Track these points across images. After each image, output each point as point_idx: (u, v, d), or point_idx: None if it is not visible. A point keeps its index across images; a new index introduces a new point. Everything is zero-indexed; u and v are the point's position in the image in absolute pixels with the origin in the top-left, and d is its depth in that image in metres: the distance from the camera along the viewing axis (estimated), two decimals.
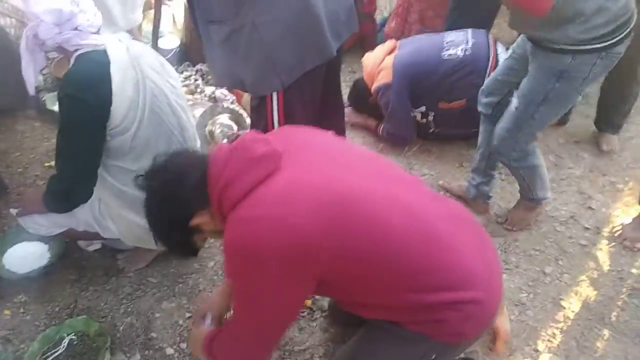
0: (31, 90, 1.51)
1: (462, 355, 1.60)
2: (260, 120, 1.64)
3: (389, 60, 2.49)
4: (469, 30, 2.45)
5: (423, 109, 2.49)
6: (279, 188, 1.06)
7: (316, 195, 1.05)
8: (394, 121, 2.54)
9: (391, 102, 2.47)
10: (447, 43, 2.41)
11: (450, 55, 2.37)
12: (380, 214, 1.09)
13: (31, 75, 1.47)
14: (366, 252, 1.07)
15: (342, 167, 1.14)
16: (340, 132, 1.94)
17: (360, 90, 2.69)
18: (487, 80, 2.05)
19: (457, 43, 2.39)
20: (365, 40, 3.19)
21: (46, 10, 1.35)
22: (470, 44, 2.38)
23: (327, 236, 1.04)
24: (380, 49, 2.60)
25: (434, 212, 1.17)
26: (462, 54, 2.36)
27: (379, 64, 2.53)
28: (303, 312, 1.80)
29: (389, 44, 2.60)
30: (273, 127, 1.60)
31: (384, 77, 2.48)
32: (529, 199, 2.12)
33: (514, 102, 1.81)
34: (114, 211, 1.65)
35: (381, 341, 1.26)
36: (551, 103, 1.71)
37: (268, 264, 1.03)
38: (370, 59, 2.60)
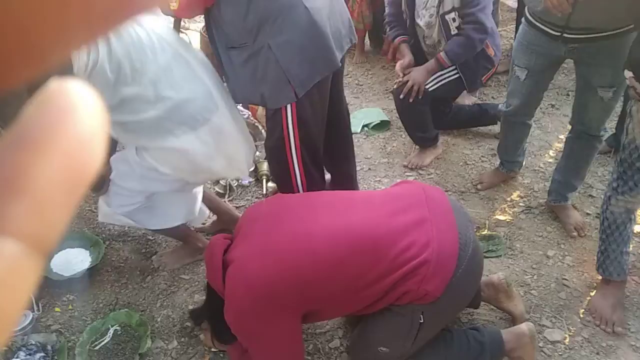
0: None
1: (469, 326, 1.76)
2: (276, 128, 1.82)
3: None
4: None
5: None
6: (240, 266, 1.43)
7: (270, 256, 1.40)
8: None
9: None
10: None
11: None
12: (320, 243, 1.40)
13: None
14: (318, 274, 1.39)
15: (299, 223, 1.46)
16: (345, 128, 2.12)
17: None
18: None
19: None
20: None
21: None
22: None
23: (285, 279, 1.37)
24: None
25: (376, 217, 1.44)
26: None
27: None
28: None
29: None
30: (288, 134, 1.79)
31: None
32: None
33: (605, 94, 1.93)
34: (150, 150, 1.67)
35: (379, 319, 1.51)
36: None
37: (251, 315, 1.39)
38: None
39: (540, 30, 1.93)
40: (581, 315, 1.90)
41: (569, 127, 2.24)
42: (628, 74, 1.59)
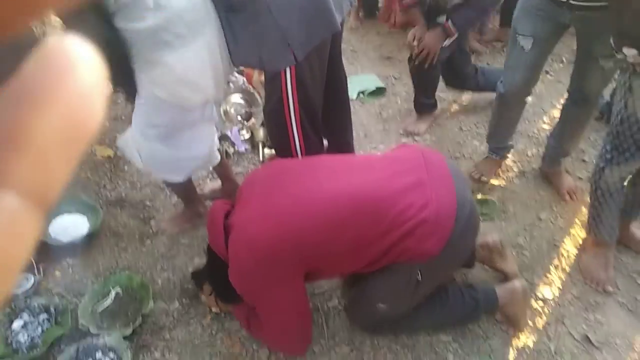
0: None
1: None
2: (275, 92, 1.81)
3: None
4: None
5: None
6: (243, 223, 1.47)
7: (271, 219, 1.43)
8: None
9: None
10: None
11: None
12: (320, 206, 1.43)
13: None
14: (319, 236, 1.41)
15: (299, 186, 1.49)
16: (343, 93, 2.12)
17: None
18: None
19: None
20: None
21: None
22: None
23: (286, 241, 1.39)
24: None
25: (376, 180, 1.47)
26: None
27: None
28: None
29: None
30: (287, 97, 1.79)
31: None
32: None
33: (606, 64, 1.90)
34: (147, 70, 1.62)
35: (378, 277, 1.54)
36: None
37: (255, 276, 1.44)
38: None
39: None
40: (571, 274, 1.96)
41: (565, 94, 2.24)
42: (630, 51, 1.55)
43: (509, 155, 2.48)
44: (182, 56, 1.58)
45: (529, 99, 2.26)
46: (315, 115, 1.88)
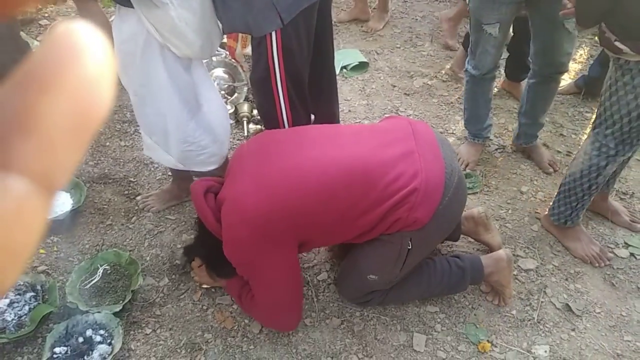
0: None
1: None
2: (261, 59, 1.78)
3: None
4: None
5: None
6: (235, 196, 1.47)
7: (263, 191, 1.43)
8: None
9: None
10: None
11: None
12: (311, 177, 1.43)
13: None
14: (311, 207, 1.43)
15: (289, 157, 1.48)
16: (330, 65, 2.10)
17: None
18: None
19: None
20: None
21: None
22: None
23: (279, 211, 1.41)
24: None
25: (366, 150, 1.47)
26: None
27: None
28: None
29: None
30: (273, 64, 1.75)
31: None
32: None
33: (570, 25, 1.93)
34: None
35: (369, 247, 1.57)
36: None
37: (249, 247, 1.44)
38: None
39: None
40: (552, 245, 2.03)
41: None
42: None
43: (495, 118, 2.48)
44: (178, 5, 1.56)
45: (497, 72, 2.27)
46: (302, 85, 1.85)
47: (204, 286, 1.84)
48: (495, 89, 2.74)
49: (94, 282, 1.82)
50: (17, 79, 0.17)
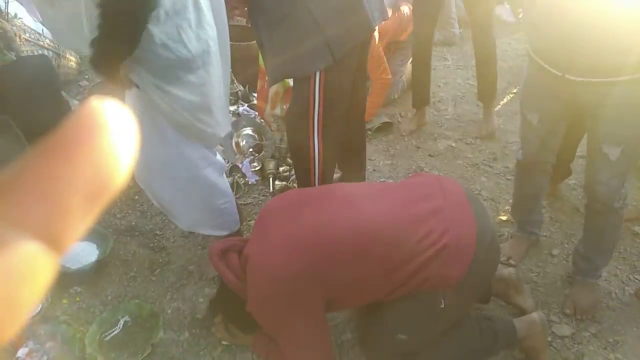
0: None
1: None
2: (301, 94, 1.80)
3: None
4: None
5: None
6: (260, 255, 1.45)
7: (293, 250, 1.41)
8: None
9: None
10: None
11: None
12: (343, 233, 1.41)
13: None
14: (343, 264, 1.40)
15: (320, 214, 1.47)
16: (361, 115, 2.13)
17: None
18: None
19: None
20: None
21: None
22: None
23: (307, 270, 1.38)
24: None
25: (396, 206, 1.47)
26: None
27: None
28: None
29: None
30: (313, 100, 1.77)
31: None
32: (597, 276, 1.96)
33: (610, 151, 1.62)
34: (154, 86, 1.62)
35: (399, 303, 1.51)
36: None
37: (277, 306, 1.41)
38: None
39: (542, 69, 1.65)
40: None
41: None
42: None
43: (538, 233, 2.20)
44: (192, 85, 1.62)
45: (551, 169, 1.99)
46: (336, 125, 1.87)
47: (224, 342, 1.79)
48: None
49: (114, 334, 1.79)
50: (45, 144, 0.19)
